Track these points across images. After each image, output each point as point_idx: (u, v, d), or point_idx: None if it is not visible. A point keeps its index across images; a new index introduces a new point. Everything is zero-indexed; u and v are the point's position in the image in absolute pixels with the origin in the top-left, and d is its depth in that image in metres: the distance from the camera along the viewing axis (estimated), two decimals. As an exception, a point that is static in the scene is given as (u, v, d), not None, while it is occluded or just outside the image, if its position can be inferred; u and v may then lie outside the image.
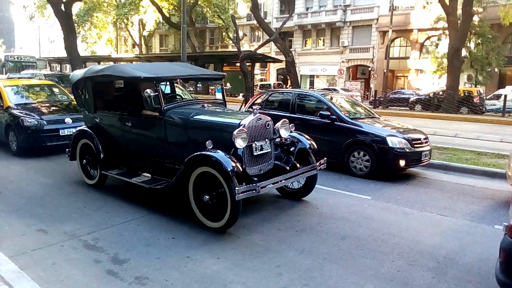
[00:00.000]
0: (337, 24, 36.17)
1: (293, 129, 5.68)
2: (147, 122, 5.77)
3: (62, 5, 19.49)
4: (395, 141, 7.19)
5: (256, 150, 5.00)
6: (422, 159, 7.52)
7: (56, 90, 10.79)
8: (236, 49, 23.27)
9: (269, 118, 5.30)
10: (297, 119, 8.07)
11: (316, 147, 5.70)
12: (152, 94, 5.28)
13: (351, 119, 7.85)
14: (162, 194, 5.84)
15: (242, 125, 4.83)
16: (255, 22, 28.01)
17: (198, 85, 30.05)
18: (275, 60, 33.25)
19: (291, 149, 5.53)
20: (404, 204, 5.97)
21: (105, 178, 6.31)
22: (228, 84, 6.74)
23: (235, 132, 4.68)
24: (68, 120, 8.86)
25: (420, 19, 30.23)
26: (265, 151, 5.14)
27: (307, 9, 38.49)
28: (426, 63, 30.09)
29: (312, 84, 38.70)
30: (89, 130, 6.46)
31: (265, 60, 34.93)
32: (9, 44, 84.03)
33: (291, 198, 5.96)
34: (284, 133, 5.48)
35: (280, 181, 5.08)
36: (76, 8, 32.88)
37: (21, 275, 3.39)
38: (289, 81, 25.38)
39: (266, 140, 5.18)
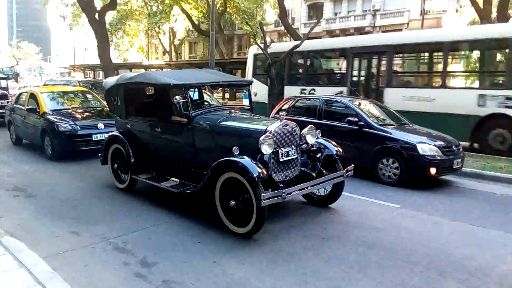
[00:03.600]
0: (366, 29, 35.71)
1: (320, 135, 5.65)
2: (175, 128, 5.89)
3: (96, 13, 20.18)
4: (425, 148, 7.02)
5: (282, 156, 5.01)
6: (454, 167, 7.29)
7: (89, 96, 11.17)
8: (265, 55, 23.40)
9: (295, 124, 5.29)
10: (324, 125, 8.04)
11: (343, 153, 5.64)
12: (181, 100, 5.42)
13: (380, 125, 7.71)
14: (190, 199, 5.92)
15: (268, 131, 4.86)
16: (283, 28, 28.09)
17: (226, 91, 30.36)
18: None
19: (318, 156, 5.51)
20: (435, 213, 5.82)
21: (135, 182, 6.46)
22: (255, 91, 6.78)
23: (261, 138, 4.71)
24: (100, 125, 9.14)
25: (453, 23, 29.47)
26: (291, 157, 5.14)
27: (336, 14, 38.25)
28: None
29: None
30: (121, 135, 6.65)
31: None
32: (45, 52, 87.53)
33: (318, 205, 5.91)
34: (310, 140, 5.48)
35: (306, 187, 5.05)
36: (109, 16, 33.96)
37: (54, 276, 3.51)
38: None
39: (293, 146, 5.18)
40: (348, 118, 7.85)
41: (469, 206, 6.28)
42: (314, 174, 5.33)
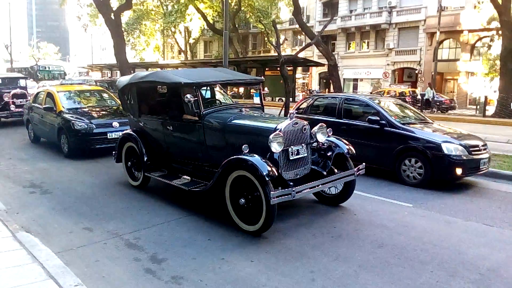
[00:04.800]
0: (382, 26, 35.31)
1: (331, 133, 5.62)
2: (187, 126, 5.92)
3: (112, 14, 20.47)
4: (451, 148, 6.78)
5: (292, 155, 5.00)
6: (481, 167, 7.01)
7: (105, 95, 11.34)
8: (277, 54, 23.40)
9: (305, 123, 5.28)
10: (344, 124, 7.94)
11: (354, 152, 5.57)
12: (192, 99, 5.43)
13: (402, 124, 7.45)
14: (201, 196, 5.95)
15: (278, 129, 4.86)
16: (297, 26, 27.98)
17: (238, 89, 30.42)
18: (317, 64, 33.00)
19: (328, 154, 5.48)
20: (447, 213, 5.74)
21: (148, 180, 6.55)
22: (266, 89, 6.77)
23: (271, 136, 4.71)
24: (115, 124, 9.28)
25: (471, 20, 28.89)
26: (302, 155, 5.13)
27: (351, 11, 37.88)
28: (477, 65, 28.71)
29: (355, 87, 38.01)
30: (134, 133, 6.73)
31: (306, 64, 34.75)
32: (64, 52, 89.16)
33: (329, 204, 5.90)
34: (321, 138, 5.45)
35: (317, 186, 5.02)
36: (125, 17, 34.42)
37: (66, 270, 3.60)
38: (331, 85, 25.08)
39: (303, 144, 5.17)
40: (369, 117, 7.63)
41: (483, 205, 6.17)
42: (324, 173, 5.32)
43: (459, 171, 6.78)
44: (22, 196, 6.32)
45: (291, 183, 4.80)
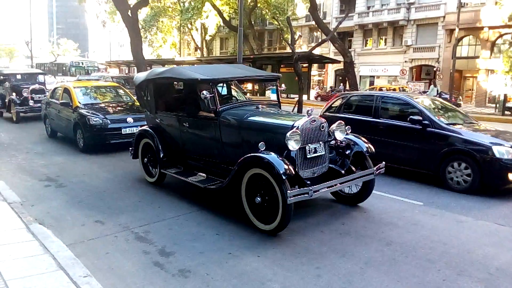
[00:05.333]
0: (400, 23, 34.78)
1: (349, 131, 5.51)
2: (203, 123, 5.89)
3: (129, 10, 20.69)
4: (502, 151, 6.25)
5: (309, 153, 4.91)
6: None
7: (120, 91, 11.51)
8: (291, 51, 23.31)
9: (323, 120, 5.16)
10: (381, 124, 7.57)
11: (373, 150, 5.43)
12: (208, 95, 5.36)
13: (447, 124, 6.95)
14: (212, 192, 5.99)
15: (295, 126, 4.76)
16: (313, 22, 27.79)
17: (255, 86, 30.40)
18: (333, 61, 32.71)
19: (347, 152, 5.36)
20: (459, 212, 5.66)
21: (164, 176, 6.55)
22: (283, 85, 6.68)
23: (288, 134, 4.62)
24: (129, 119, 9.42)
25: (491, 16, 28.22)
26: (319, 153, 5.03)
27: (368, 8, 37.41)
28: (497, 63, 28.02)
29: (372, 84, 37.59)
30: (150, 130, 6.72)
31: (322, 61, 34.49)
32: (83, 49, 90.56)
33: (346, 203, 5.78)
34: (339, 136, 5.35)
35: (335, 185, 4.88)
36: (143, 13, 34.74)
37: (76, 262, 3.69)
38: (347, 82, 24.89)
39: (321, 142, 5.06)
40: (411, 116, 7.11)
41: (496, 204, 6.07)
42: (343, 171, 5.20)
43: (511, 176, 6.25)
44: (37, 189, 6.48)
45: (308, 182, 4.70)
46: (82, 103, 9.91)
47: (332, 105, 8.94)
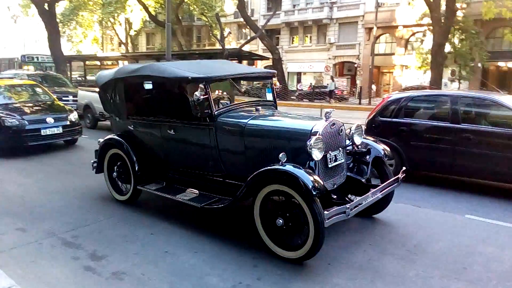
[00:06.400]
0: (323, 21, 36.31)
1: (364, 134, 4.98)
2: (194, 130, 4.94)
3: (46, 4, 19.31)
4: None
5: (330, 161, 4.24)
6: None
7: (38, 90, 10.74)
8: (221, 47, 23.41)
9: (342, 123, 4.53)
10: (466, 130, 6.21)
11: (391, 154, 4.96)
12: (201, 97, 4.56)
13: None
14: (143, 193, 5.68)
15: (316, 132, 4.08)
16: (242, 19, 28.02)
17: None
18: (262, 58, 33.25)
19: (366, 158, 4.77)
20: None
21: (138, 193, 5.55)
22: (277, 83, 5.90)
23: (312, 142, 3.93)
24: (49, 119, 8.85)
25: (405, 16, 30.52)
26: (339, 162, 4.39)
27: (294, 6, 38.55)
28: (411, 59, 30.40)
29: (299, 81, 38.84)
30: (120, 138, 5.67)
31: (251, 57, 34.94)
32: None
33: (362, 215, 4.83)
34: (358, 140, 4.77)
35: (371, 198, 4.27)
36: (61, 7, 32.55)
37: (-3, 273, 3.41)
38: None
39: (340, 148, 4.43)
40: None
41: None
42: (363, 180, 4.65)
43: None
44: None
45: (334, 196, 4.17)
46: (-5, 103, 9.09)
47: (386, 108, 7.23)
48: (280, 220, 3.90)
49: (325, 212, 3.64)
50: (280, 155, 3.87)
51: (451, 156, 6.35)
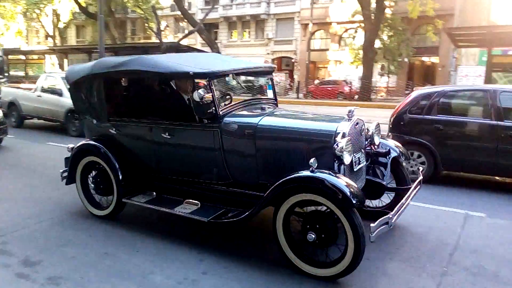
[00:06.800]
0: (261, 17, 36.71)
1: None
2: (195, 133, 4.36)
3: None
4: None
5: (355, 165, 3.88)
6: None
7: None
8: (159, 41, 22.79)
9: (363, 122, 4.21)
10: (510, 128, 5.88)
11: (407, 153, 4.77)
12: (206, 95, 4.07)
13: None
14: (72, 194, 5.27)
15: (342, 133, 3.68)
16: (179, 12, 27.48)
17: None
18: (201, 52, 32.96)
19: (385, 160, 4.45)
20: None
21: (122, 206, 4.84)
22: (276, 78, 5.21)
23: (343, 144, 3.54)
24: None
25: (338, 13, 31.73)
26: (362, 164, 4.05)
27: (232, 0, 38.54)
28: (344, 54, 31.72)
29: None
30: (99, 144, 4.87)
31: (190, 52, 34.47)
32: None
33: (369, 218, 4.05)
34: (377, 140, 4.46)
35: (406, 203, 3.94)
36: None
37: None
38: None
39: (362, 150, 4.14)
40: None
41: None
42: (384, 183, 4.33)
43: None
44: None
45: (369, 205, 3.87)
46: None
47: (416, 105, 6.74)
48: (312, 235, 3.44)
49: (371, 225, 3.26)
50: (311, 160, 3.41)
51: (493, 156, 6.01)
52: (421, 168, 5.07)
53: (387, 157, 4.44)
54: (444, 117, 6.44)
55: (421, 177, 4.52)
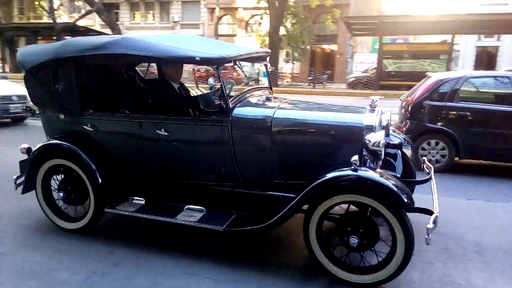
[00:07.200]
0: (167, -2, 35.55)
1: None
2: (199, 128, 3.73)
3: None
4: None
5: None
6: None
7: None
8: (52, 21, 20.88)
9: (381, 113, 3.93)
10: None
11: (413, 145, 4.52)
12: (216, 85, 3.64)
13: None
14: None
15: (367, 126, 3.38)
16: (74, -9, 25.39)
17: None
18: (100, 34, 30.94)
19: (395, 151, 4.23)
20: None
21: (99, 217, 4.11)
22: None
23: (379, 138, 3.27)
24: None
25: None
26: (382, 158, 3.74)
27: (133, -20, 36.66)
28: (251, 41, 32.24)
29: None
30: (69, 144, 4.03)
31: (88, 33, 32.12)
32: None
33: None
34: (390, 132, 4.20)
35: (434, 197, 3.71)
36: None
37: None
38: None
39: None
40: None
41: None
42: (399, 176, 3.96)
43: None
44: None
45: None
46: None
47: (436, 91, 6.44)
48: (355, 239, 3.14)
49: (428, 226, 2.95)
50: (355, 157, 3.05)
51: None
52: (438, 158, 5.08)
53: (398, 149, 4.18)
54: (469, 104, 6.25)
55: (431, 167, 4.25)
